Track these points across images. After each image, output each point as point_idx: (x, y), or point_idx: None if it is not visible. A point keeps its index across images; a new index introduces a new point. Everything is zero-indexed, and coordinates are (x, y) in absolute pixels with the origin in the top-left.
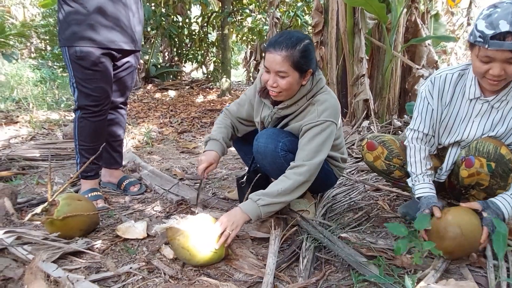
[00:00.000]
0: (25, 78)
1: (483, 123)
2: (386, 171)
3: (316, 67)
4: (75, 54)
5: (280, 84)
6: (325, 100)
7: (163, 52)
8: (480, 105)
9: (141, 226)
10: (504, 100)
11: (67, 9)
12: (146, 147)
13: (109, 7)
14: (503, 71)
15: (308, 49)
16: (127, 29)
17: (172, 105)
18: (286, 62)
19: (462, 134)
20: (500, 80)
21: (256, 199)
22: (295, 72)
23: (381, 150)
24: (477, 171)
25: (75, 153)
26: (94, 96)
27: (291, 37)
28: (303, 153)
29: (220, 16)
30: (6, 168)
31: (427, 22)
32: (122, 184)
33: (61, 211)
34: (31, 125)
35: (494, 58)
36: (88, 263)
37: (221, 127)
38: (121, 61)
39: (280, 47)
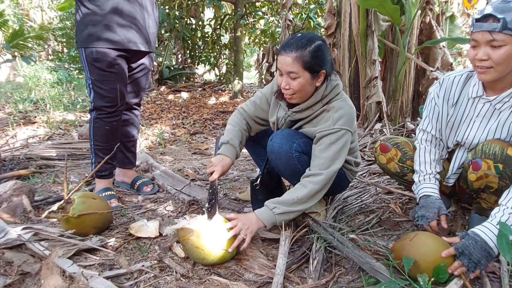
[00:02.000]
0: (42, 80)
1: (484, 125)
2: (400, 174)
3: (332, 71)
4: (91, 55)
5: (292, 85)
6: (340, 107)
7: (176, 54)
8: (481, 104)
9: (153, 225)
10: (506, 102)
11: (84, 11)
12: (158, 148)
13: (125, 8)
14: (486, 55)
15: (319, 50)
16: (142, 30)
17: (185, 107)
18: (296, 62)
19: (463, 134)
20: (487, 68)
21: (272, 207)
22: (306, 73)
23: (394, 152)
24: (485, 174)
25: (90, 152)
26: (109, 97)
27: (302, 38)
28: (320, 160)
29: (233, 19)
30: (24, 167)
31: (442, 24)
32: (136, 184)
33: (76, 209)
34: (48, 126)
35: (478, 42)
36: (102, 260)
37: (237, 130)
38: (136, 62)
39: (290, 48)
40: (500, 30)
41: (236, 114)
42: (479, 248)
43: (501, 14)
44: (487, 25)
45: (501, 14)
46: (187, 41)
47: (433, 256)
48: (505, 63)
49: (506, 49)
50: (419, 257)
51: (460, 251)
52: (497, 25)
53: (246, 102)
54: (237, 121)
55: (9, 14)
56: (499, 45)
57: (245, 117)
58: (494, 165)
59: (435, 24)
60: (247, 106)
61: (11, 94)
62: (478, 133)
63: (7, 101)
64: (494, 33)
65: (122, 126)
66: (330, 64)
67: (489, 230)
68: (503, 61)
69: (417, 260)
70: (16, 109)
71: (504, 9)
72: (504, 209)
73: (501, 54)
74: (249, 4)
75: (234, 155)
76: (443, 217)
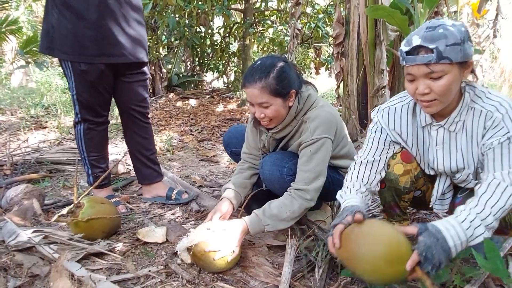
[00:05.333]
0: (54, 86)
1: (447, 152)
2: (405, 190)
3: (301, 85)
4: (79, 67)
5: (266, 113)
6: (316, 116)
7: (185, 61)
8: (435, 131)
9: (161, 231)
10: (458, 121)
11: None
12: (166, 154)
13: (111, 18)
14: (428, 88)
15: (283, 72)
16: (131, 40)
17: (193, 114)
18: (264, 92)
19: (433, 163)
20: (431, 101)
21: (266, 223)
22: (277, 99)
23: (414, 166)
24: None
25: (83, 164)
26: (96, 108)
27: (262, 66)
28: (304, 174)
29: (242, 27)
30: (35, 171)
31: None
32: (172, 195)
33: (85, 213)
34: (59, 130)
35: (415, 75)
36: (109, 264)
37: (241, 182)
38: (130, 72)
39: (254, 79)
40: (437, 61)
41: (240, 162)
42: (440, 248)
43: (432, 43)
44: (421, 58)
45: (433, 43)
46: (196, 48)
47: (386, 248)
48: (448, 93)
49: (446, 78)
50: (368, 249)
51: (424, 255)
52: (432, 56)
53: (243, 150)
54: (235, 178)
55: (23, 21)
56: (438, 76)
57: (248, 161)
58: None
59: None
60: (244, 151)
61: (23, 99)
62: (446, 162)
63: (19, 106)
64: (431, 65)
65: (139, 139)
66: (297, 81)
67: (452, 227)
68: (446, 91)
69: (365, 252)
70: (28, 114)
71: (434, 38)
72: (470, 208)
73: (442, 85)
74: (258, 13)
75: (238, 201)
76: (358, 214)
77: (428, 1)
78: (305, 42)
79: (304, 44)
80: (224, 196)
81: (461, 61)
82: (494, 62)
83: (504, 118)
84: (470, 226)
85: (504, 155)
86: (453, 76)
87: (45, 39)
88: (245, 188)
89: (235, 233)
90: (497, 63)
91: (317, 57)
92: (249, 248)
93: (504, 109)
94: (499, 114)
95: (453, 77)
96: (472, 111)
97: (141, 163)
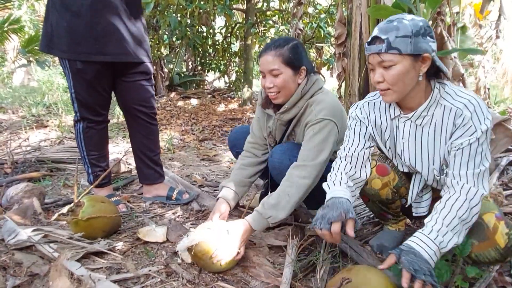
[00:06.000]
0: (55, 84)
1: (413, 145)
2: (389, 201)
3: (312, 68)
4: (76, 66)
5: (275, 83)
6: (321, 100)
7: (187, 61)
8: (402, 124)
9: (161, 230)
10: (425, 116)
11: (62, 17)
12: (167, 154)
13: (107, 17)
14: (381, 77)
15: (297, 47)
16: (130, 40)
17: (194, 113)
18: (277, 59)
19: (401, 157)
20: (386, 89)
21: (268, 216)
22: (288, 69)
23: (392, 177)
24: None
25: (83, 163)
26: (94, 107)
27: (279, 39)
28: (304, 152)
29: (243, 27)
30: (35, 170)
31: (454, 35)
32: (173, 195)
33: (85, 212)
34: (60, 129)
35: (372, 64)
36: (109, 263)
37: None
38: (129, 72)
39: (270, 48)
40: (386, 50)
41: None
42: (421, 260)
43: (385, 34)
44: (375, 47)
45: (385, 34)
46: (198, 48)
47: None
48: (399, 83)
49: (396, 68)
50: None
51: (412, 268)
52: (382, 46)
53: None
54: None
55: (25, 20)
56: (389, 66)
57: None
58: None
59: (446, 35)
60: (250, 138)
61: (25, 98)
62: (411, 155)
63: (21, 104)
64: (382, 54)
65: (144, 139)
66: (309, 62)
67: (421, 241)
68: (397, 81)
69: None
70: (30, 112)
71: (387, 29)
72: (437, 217)
73: (393, 75)
74: (260, 13)
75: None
76: (350, 222)
77: (430, 1)
78: (307, 42)
79: (306, 44)
80: (221, 196)
81: (413, 54)
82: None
83: (473, 117)
84: (438, 235)
85: (471, 156)
86: (404, 67)
87: (44, 38)
88: (244, 187)
89: (237, 234)
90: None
91: (319, 57)
92: (250, 248)
93: (472, 107)
94: (468, 113)
95: (404, 67)
96: (442, 108)
97: (144, 164)
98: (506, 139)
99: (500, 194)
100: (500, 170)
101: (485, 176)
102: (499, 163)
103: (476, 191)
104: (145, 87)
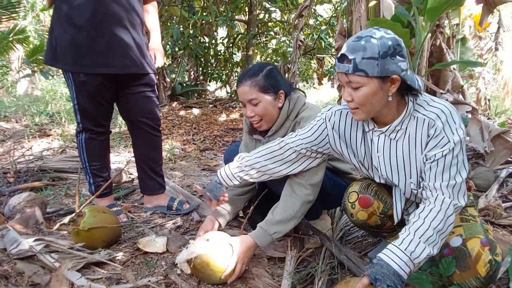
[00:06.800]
0: (59, 94)
1: (388, 159)
2: (379, 226)
3: (291, 88)
4: (79, 78)
5: (256, 111)
6: (309, 115)
7: (189, 71)
8: (377, 137)
9: (161, 240)
10: (399, 129)
11: (65, 31)
12: (169, 164)
13: (110, 30)
14: (350, 96)
15: (271, 72)
16: (132, 52)
17: (196, 123)
18: (253, 89)
19: (378, 171)
20: (354, 108)
21: (273, 232)
22: (265, 96)
23: (377, 205)
24: None
25: (85, 173)
26: (97, 119)
27: (252, 68)
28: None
29: (245, 38)
30: (38, 179)
31: (453, 47)
32: (174, 205)
33: (86, 222)
34: (63, 138)
35: (341, 81)
36: (109, 274)
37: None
38: (134, 83)
39: (245, 79)
40: (352, 72)
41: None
42: (387, 272)
43: (352, 54)
44: (342, 67)
45: (352, 54)
46: (200, 58)
47: None
48: (367, 104)
49: (363, 90)
50: None
51: (373, 277)
52: (349, 67)
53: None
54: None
55: (30, 30)
56: (356, 87)
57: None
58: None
59: (446, 47)
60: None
61: (28, 107)
62: (387, 169)
63: (24, 113)
64: (349, 75)
65: (147, 151)
66: (287, 84)
67: (391, 252)
68: (365, 102)
69: None
70: (33, 121)
71: (355, 49)
72: (409, 228)
73: (360, 96)
74: (262, 24)
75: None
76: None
77: (429, 14)
78: (308, 53)
79: (307, 55)
80: (212, 213)
81: (381, 76)
82: (497, 74)
83: (445, 128)
84: (408, 245)
85: (446, 167)
86: (371, 89)
87: (49, 52)
88: (234, 205)
89: (240, 249)
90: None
91: (320, 68)
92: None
93: (444, 117)
94: (440, 123)
95: (371, 89)
96: (415, 120)
97: (146, 174)
98: (505, 150)
99: (499, 207)
100: (500, 182)
101: (462, 188)
102: (498, 175)
103: (451, 201)
104: (150, 99)
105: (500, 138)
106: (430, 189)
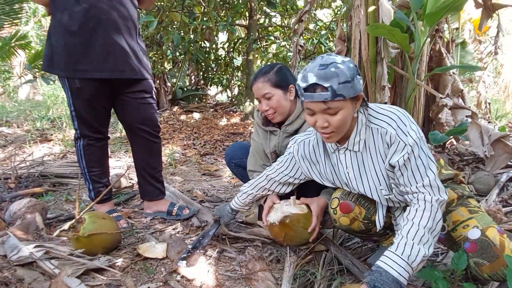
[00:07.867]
0: (60, 99)
1: (358, 174)
2: (365, 231)
3: None
4: (74, 84)
5: (270, 105)
6: None
7: (190, 75)
8: (343, 154)
9: (161, 246)
10: (359, 140)
11: (61, 36)
12: (169, 168)
13: (104, 35)
14: (326, 122)
15: (281, 69)
16: (128, 57)
17: (196, 127)
18: (265, 84)
19: (348, 186)
20: (330, 133)
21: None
22: (277, 90)
23: (358, 211)
24: None
25: (84, 180)
26: (94, 125)
27: (264, 67)
28: None
29: (245, 43)
30: (38, 185)
31: (452, 51)
32: (174, 211)
33: (86, 229)
34: (64, 143)
35: (314, 110)
36: (109, 280)
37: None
38: (131, 89)
39: (258, 77)
40: (332, 98)
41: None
42: (387, 280)
43: (326, 82)
44: (318, 96)
45: (327, 82)
46: (201, 63)
47: None
48: (344, 125)
49: (341, 113)
50: None
51: (372, 284)
52: (328, 94)
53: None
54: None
55: (32, 36)
56: (334, 112)
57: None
58: None
59: (445, 51)
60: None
61: (30, 112)
62: (358, 182)
63: (26, 118)
64: (328, 102)
65: (146, 157)
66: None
67: (388, 258)
68: (342, 124)
69: None
70: (34, 126)
71: (327, 76)
72: (401, 232)
73: (339, 120)
74: (262, 28)
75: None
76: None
77: (428, 19)
78: (308, 57)
79: (307, 60)
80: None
81: (353, 96)
82: (497, 77)
83: (398, 133)
84: (404, 249)
85: (414, 170)
86: (348, 110)
87: (46, 58)
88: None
89: (315, 207)
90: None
91: None
92: (259, 260)
93: (394, 123)
94: (392, 130)
95: (347, 111)
96: (371, 130)
97: (145, 180)
98: (505, 155)
99: (499, 211)
100: (500, 187)
101: (437, 181)
102: (498, 179)
103: (432, 197)
104: (148, 105)
105: (500, 143)
106: (410, 193)
